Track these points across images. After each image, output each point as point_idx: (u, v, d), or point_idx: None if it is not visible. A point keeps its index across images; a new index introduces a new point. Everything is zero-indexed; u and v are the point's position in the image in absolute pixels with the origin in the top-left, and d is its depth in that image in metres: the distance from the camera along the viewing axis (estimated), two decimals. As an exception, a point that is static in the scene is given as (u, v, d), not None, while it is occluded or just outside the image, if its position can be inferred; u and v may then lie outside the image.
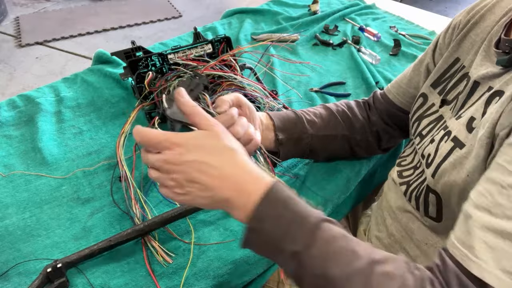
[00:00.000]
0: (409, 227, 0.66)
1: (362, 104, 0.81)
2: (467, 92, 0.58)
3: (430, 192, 0.58)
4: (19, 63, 2.63)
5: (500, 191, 0.40)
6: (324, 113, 0.77)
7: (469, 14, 0.64)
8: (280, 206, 0.45)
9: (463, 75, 0.62)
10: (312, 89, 1.05)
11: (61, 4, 3.40)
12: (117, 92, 1.00)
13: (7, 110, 0.93)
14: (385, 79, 1.10)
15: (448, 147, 0.55)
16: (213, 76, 0.88)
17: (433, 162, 0.57)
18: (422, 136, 0.66)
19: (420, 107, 0.69)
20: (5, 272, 0.60)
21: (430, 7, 3.34)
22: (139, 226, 0.63)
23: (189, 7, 3.43)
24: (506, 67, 0.51)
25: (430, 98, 0.68)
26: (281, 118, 0.72)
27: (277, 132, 0.70)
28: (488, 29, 0.60)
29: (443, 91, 0.65)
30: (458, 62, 0.64)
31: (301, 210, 0.45)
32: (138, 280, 0.60)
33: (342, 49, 1.26)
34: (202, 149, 0.46)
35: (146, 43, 1.90)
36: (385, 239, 0.72)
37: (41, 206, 0.71)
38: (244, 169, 0.47)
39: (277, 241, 0.44)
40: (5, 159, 0.80)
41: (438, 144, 0.58)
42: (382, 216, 0.73)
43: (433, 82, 0.68)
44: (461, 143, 0.53)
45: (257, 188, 0.46)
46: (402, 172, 0.70)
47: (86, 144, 0.84)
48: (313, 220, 0.44)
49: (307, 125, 0.73)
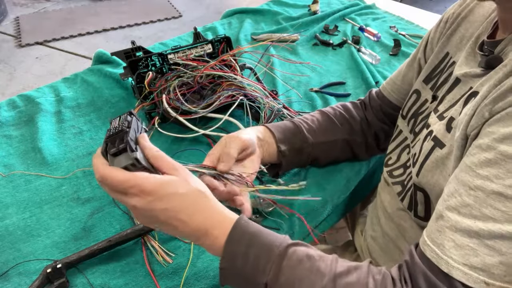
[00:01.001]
0: (402, 226, 0.66)
1: (359, 104, 0.81)
2: (447, 88, 0.58)
3: (418, 190, 0.59)
4: (19, 63, 2.63)
5: (468, 192, 0.42)
6: (322, 119, 0.76)
7: (460, 7, 0.64)
8: (245, 243, 0.47)
9: (452, 70, 0.61)
10: (312, 89, 1.05)
11: (61, 4, 3.40)
12: (117, 92, 1.00)
13: (7, 110, 0.93)
14: (385, 79, 1.08)
15: (429, 146, 0.55)
16: (213, 76, 0.88)
17: (417, 161, 0.58)
18: (415, 133, 0.65)
19: (414, 104, 0.68)
20: (5, 272, 0.60)
21: (430, 7, 3.33)
22: (139, 226, 0.63)
23: (189, 7, 3.43)
24: (486, 69, 0.51)
25: (423, 94, 0.67)
26: (280, 130, 0.71)
27: (279, 144, 0.69)
28: (476, 24, 0.59)
29: (434, 86, 0.64)
30: (447, 56, 0.64)
31: (265, 242, 0.48)
32: (138, 280, 0.60)
33: (342, 49, 1.26)
34: (170, 198, 0.46)
35: (146, 43, 1.90)
36: (379, 238, 0.72)
37: (41, 206, 0.71)
38: (211, 213, 0.49)
39: (249, 275, 0.47)
40: (5, 159, 0.80)
41: (422, 143, 0.58)
42: (377, 216, 0.73)
43: (425, 78, 0.67)
44: (441, 142, 0.53)
45: (223, 231, 0.48)
46: (392, 171, 0.70)
47: (86, 144, 0.84)
48: (278, 250, 0.47)
49: (307, 134, 0.73)
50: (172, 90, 0.84)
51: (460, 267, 0.40)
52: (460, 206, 0.42)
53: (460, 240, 0.41)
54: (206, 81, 0.87)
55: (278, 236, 0.49)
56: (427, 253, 0.44)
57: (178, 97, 0.83)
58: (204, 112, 0.83)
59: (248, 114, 0.85)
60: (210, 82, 0.88)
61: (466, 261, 0.40)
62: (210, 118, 0.85)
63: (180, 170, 0.48)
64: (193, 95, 0.87)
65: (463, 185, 0.43)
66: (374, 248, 0.73)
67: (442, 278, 0.41)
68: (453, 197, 0.44)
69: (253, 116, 0.86)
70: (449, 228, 0.42)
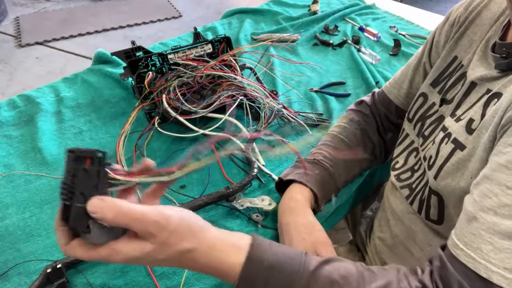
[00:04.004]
0: (412, 229, 0.65)
1: (373, 120, 0.79)
2: (463, 92, 0.58)
3: (432, 194, 0.58)
4: (19, 63, 2.63)
5: (505, 192, 0.40)
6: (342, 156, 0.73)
7: (467, 10, 0.63)
8: (265, 268, 0.43)
9: (461, 74, 0.61)
10: (312, 89, 1.05)
11: (61, 4, 3.40)
12: (117, 92, 1.00)
13: (7, 110, 0.93)
14: (385, 79, 1.10)
15: (449, 149, 0.54)
16: (213, 76, 0.88)
17: (435, 164, 0.57)
18: (425, 137, 0.65)
19: (421, 107, 0.68)
20: (5, 272, 0.60)
21: (430, 7, 3.33)
22: (139, 226, 0.63)
23: (189, 7, 3.43)
24: (505, 71, 0.51)
25: (430, 98, 0.67)
26: (320, 187, 0.67)
27: (319, 203, 0.67)
28: (485, 28, 0.59)
29: (442, 90, 0.64)
30: (456, 60, 0.64)
31: (287, 268, 0.43)
32: (138, 280, 0.60)
33: (342, 49, 1.26)
34: (156, 262, 0.42)
35: (146, 43, 1.89)
36: (388, 240, 0.71)
37: (41, 206, 0.71)
38: (208, 264, 0.43)
39: None
40: (5, 159, 0.80)
41: (439, 146, 0.57)
42: (385, 217, 0.73)
43: (433, 81, 0.67)
44: (462, 144, 0.52)
45: (237, 260, 0.43)
46: (399, 175, 0.69)
47: (86, 144, 0.84)
48: (304, 276, 0.43)
49: (337, 179, 0.71)
50: (172, 90, 0.84)
51: (500, 271, 0.38)
52: (497, 206, 0.41)
53: (499, 243, 0.39)
54: (206, 81, 0.87)
55: (295, 262, 0.44)
56: (461, 258, 0.41)
57: (178, 97, 0.83)
58: (204, 112, 0.83)
59: (248, 114, 0.85)
60: (210, 82, 0.88)
61: (507, 265, 0.38)
62: (210, 118, 0.85)
63: (157, 232, 0.40)
64: (193, 95, 0.87)
65: (498, 184, 0.41)
66: (382, 249, 0.73)
67: (480, 285, 0.39)
68: (488, 198, 0.42)
69: (253, 116, 0.86)
70: (486, 230, 0.40)
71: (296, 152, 0.70)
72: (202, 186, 0.75)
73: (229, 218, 0.69)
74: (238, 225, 0.68)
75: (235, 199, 0.70)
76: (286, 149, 0.74)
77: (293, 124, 0.89)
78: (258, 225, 0.68)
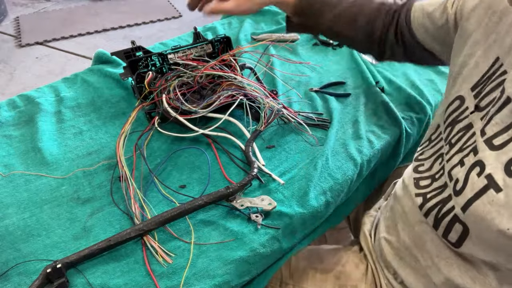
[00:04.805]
0: (422, 238, 0.62)
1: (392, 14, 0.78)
2: (497, 107, 0.50)
3: (458, 222, 0.53)
4: (19, 63, 2.63)
5: None
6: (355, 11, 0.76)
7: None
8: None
9: (500, 81, 0.52)
10: (312, 89, 1.05)
11: (61, 4, 3.40)
12: (117, 92, 1.00)
13: (7, 110, 0.93)
14: (385, 79, 1.09)
15: (481, 185, 0.48)
16: (213, 76, 0.88)
17: (463, 193, 0.51)
18: (451, 144, 0.59)
19: (455, 111, 0.62)
20: (5, 272, 0.60)
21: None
22: (139, 226, 0.63)
23: (189, 7, 3.43)
24: None
25: (466, 102, 0.60)
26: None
27: (291, 14, 0.69)
28: None
29: (478, 94, 0.56)
30: (497, 62, 0.55)
31: None
32: (137, 280, 0.60)
33: (342, 49, 1.26)
34: None
35: (146, 43, 1.89)
36: (395, 243, 0.69)
37: (41, 206, 0.71)
38: None
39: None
40: (5, 159, 0.80)
41: (468, 173, 0.51)
42: (393, 219, 0.70)
43: (473, 85, 0.59)
44: (498, 186, 0.46)
45: None
46: (419, 180, 0.64)
47: (86, 144, 0.84)
48: None
49: (326, 15, 0.71)
50: (172, 90, 0.84)
51: None
52: None
53: None
54: (206, 81, 0.87)
55: None
56: None
57: (178, 97, 0.83)
58: (204, 112, 0.83)
59: (248, 114, 0.85)
60: (210, 82, 0.88)
61: None
62: (210, 118, 0.85)
63: None
64: (193, 95, 0.87)
65: None
66: (388, 251, 0.71)
67: None
68: None
69: (253, 116, 0.86)
70: None
71: None
72: (202, 186, 0.75)
73: (229, 218, 0.69)
74: (238, 225, 0.68)
75: (235, 199, 0.70)
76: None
77: (293, 124, 0.89)
78: (257, 225, 0.68)
